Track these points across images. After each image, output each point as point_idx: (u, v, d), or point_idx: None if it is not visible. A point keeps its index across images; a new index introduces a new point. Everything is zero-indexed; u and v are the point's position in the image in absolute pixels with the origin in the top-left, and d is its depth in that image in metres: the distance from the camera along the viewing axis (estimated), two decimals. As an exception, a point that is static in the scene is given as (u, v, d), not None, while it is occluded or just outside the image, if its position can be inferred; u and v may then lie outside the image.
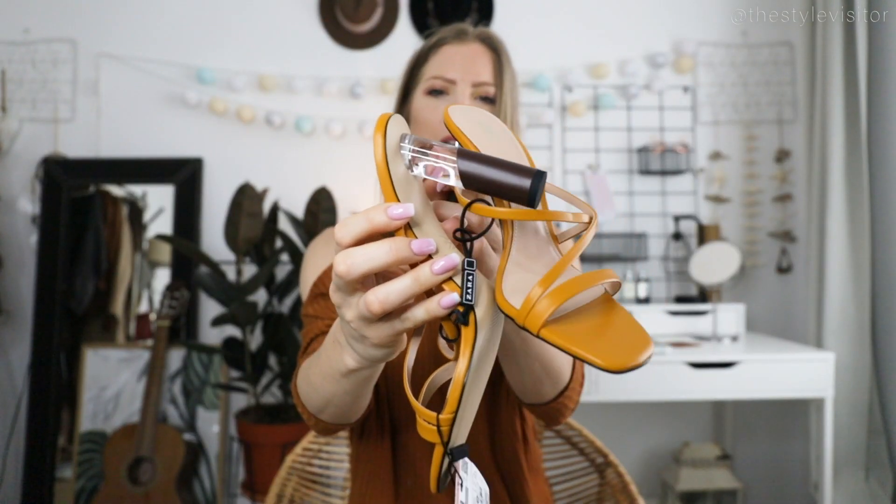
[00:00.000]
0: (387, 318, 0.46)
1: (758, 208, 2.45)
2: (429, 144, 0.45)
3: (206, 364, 2.21)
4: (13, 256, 2.36)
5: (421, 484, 0.90)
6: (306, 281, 0.95)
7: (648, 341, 0.41)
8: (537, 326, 0.41)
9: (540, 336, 0.41)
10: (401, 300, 0.43)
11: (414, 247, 0.43)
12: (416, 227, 0.44)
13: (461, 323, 0.44)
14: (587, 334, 0.41)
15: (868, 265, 2.14)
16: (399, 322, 0.46)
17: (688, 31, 2.45)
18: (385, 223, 0.43)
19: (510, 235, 0.48)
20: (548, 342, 0.40)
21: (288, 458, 1.24)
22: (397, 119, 0.46)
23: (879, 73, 2.17)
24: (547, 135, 2.43)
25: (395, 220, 0.43)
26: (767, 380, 1.90)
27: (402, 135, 0.46)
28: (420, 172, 0.46)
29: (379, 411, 0.92)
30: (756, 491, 2.43)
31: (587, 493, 1.23)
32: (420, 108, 0.92)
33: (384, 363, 0.55)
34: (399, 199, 0.44)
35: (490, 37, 0.94)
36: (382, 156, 0.43)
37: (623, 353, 0.39)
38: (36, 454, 2.21)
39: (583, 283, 0.42)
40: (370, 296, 0.43)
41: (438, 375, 0.50)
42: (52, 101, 2.36)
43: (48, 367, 2.25)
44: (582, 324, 0.42)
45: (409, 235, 0.44)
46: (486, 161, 0.43)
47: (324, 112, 2.38)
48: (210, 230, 2.37)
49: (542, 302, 0.41)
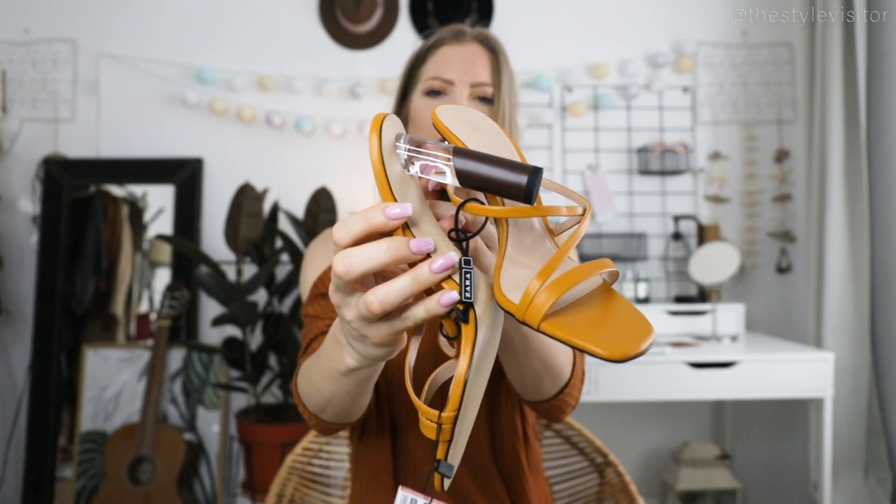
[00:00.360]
0: (387, 318, 0.46)
1: (757, 208, 2.45)
2: (424, 143, 0.45)
3: (207, 364, 2.21)
4: (14, 256, 2.36)
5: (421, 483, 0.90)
6: (306, 281, 0.95)
7: (649, 329, 0.40)
8: (537, 320, 0.41)
9: (540, 329, 0.41)
10: (400, 299, 0.43)
11: (412, 246, 0.43)
12: (413, 227, 0.44)
13: (461, 321, 0.44)
14: (587, 325, 0.40)
15: (867, 265, 2.14)
16: (399, 321, 0.46)
17: (688, 32, 2.45)
18: (383, 223, 0.43)
19: (505, 232, 0.48)
20: (548, 335, 0.40)
21: (288, 458, 1.24)
22: (392, 119, 0.46)
23: (879, 73, 2.17)
24: (547, 135, 2.44)
25: (393, 219, 0.43)
26: (767, 380, 1.90)
27: (398, 134, 0.46)
28: (416, 171, 0.46)
29: (379, 411, 0.92)
30: (755, 491, 2.44)
31: (587, 493, 1.23)
32: (419, 109, 0.92)
33: (384, 362, 0.55)
34: (396, 199, 0.44)
35: (488, 37, 0.94)
36: (378, 155, 0.43)
37: (624, 341, 0.39)
38: (36, 454, 2.21)
39: (581, 274, 0.42)
40: (370, 296, 0.44)
41: (440, 373, 0.50)
42: (53, 102, 2.36)
43: (49, 366, 2.25)
44: (582, 315, 0.42)
45: (407, 235, 0.44)
46: (482, 159, 0.43)
47: (324, 112, 2.38)
48: (210, 230, 2.37)
49: (540, 295, 0.41)
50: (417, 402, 0.47)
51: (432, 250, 0.43)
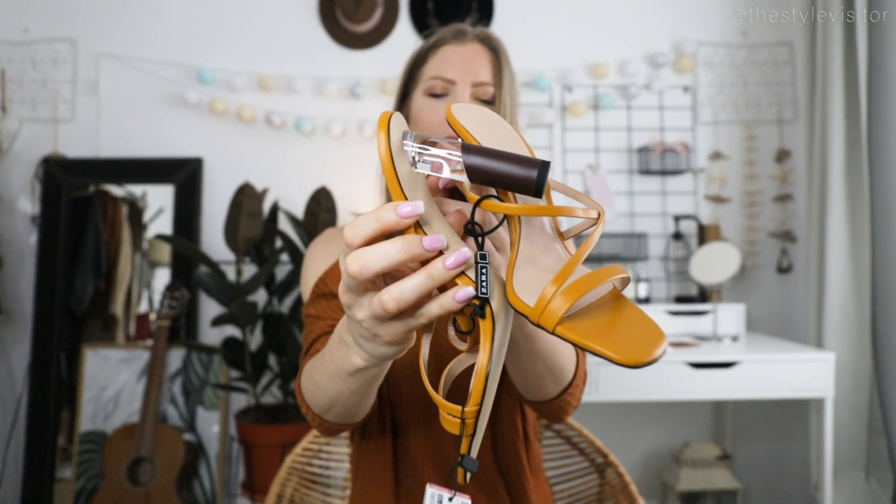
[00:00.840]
0: (400, 316, 0.46)
1: (758, 208, 2.45)
2: (432, 140, 0.45)
3: (206, 364, 2.21)
4: (13, 256, 2.36)
5: (421, 484, 0.90)
6: (307, 281, 0.95)
7: (662, 336, 0.41)
8: (552, 324, 0.41)
9: (555, 333, 0.41)
10: (415, 297, 0.43)
11: (425, 243, 0.43)
12: (424, 225, 0.44)
13: (478, 315, 0.44)
14: (602, 330, 0.41)
15: (868, 265, 2.14)
16: (413, 319, 0.46)
17: (688, 31, 2.45)
18: (395, 222, 0.43)
19: (518, 232, 0.48)
20: (564, 339, 0.41)
21: (288, 459, 1.24)
22: (398, 117, 0.46)
23: (880, 72, 2.17)
24: (547, 135, 2.43)
25: (406, 218, 0.43)
26: (767, 380, 1.89)
27: (405, 132, 0.46)
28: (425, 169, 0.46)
29: (380, 411, 0.92)
30: (756, 491, 2.43)
31: (587, 493, 1.23)
32: (419, 109, 0.92)
33: (392, 361, 0.55)
34: (406, 197, 0.44)
35: (489, 37, 0.94)
36: (388, 154, 0.43)
37: (638, 348, 0.39)
38: (35, 454, 2.21)
39: (595, 280, 0.42)
40: (385, 295, 0.44)
41: (453, 367, 0.51)
42: (52, 101, 2.36)
43: (48, 367, 2.25)
44: (595, 320, 0.42)
45: (418, 233, 0.44)
46: (490, 154, 0.44)
47: (324, 112, 2.37)
48: (210, 230, 2.36)
49: (556, 300, 0.41)
50: (438, 398, 0.47)
51: (445, 247, 0.43)
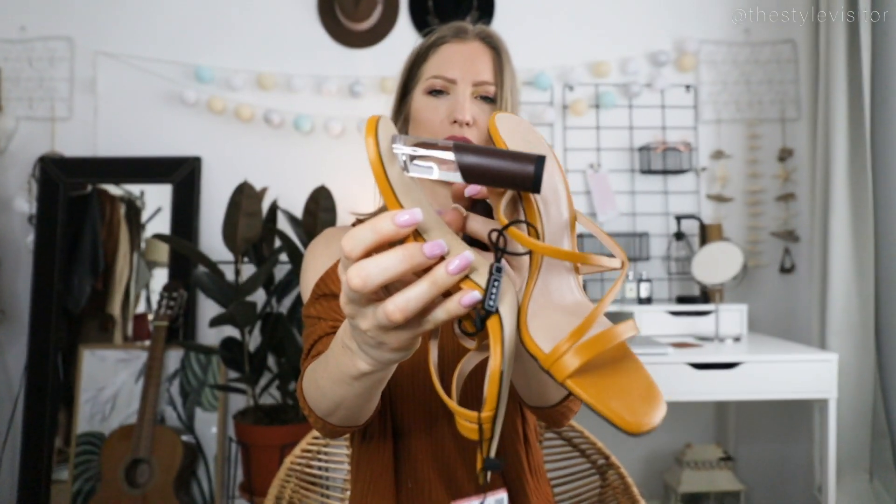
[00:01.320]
0: (406, 324, 0.46)
1: (760, 207, 2.43)
2: (421, 143, 0.45)
3: (205, 365, 2.20)
4: (10, 256, 2.35)
5: (421, 487, 0.90)
6: (307, 282, 0.94)
7: (661, 399, 0.42)
8: (562, 377, 0.42)
9: (564, 384, 0.42)
10: (421, 305, 0.42)
11: (426, 251, 0.42)
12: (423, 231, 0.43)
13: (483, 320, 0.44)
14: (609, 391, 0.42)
15: (872, 265, 2.13)
16: (419, 325, 0.45)
17: (690, 30, 2.43)
18: (394, 232, 0.42)
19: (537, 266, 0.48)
20: (571, 392, 0.41)
21: (287, 460, 1.23)
22: (386, 120, 0.45)
23: (883, 71, 2.15)
24: (548, 133, 2.42)
25: (404, 227, 0.42)
26: (770, 381, 1.88)
27: (394, 136, 0.45)
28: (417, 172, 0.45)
29: (381, 414, 0.91)
30: (759, 493, 2.42)
31: (589, 495, 1.22)
32: (420, 108, 0.91)
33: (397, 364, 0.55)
34: (399, 201, 0.43)
35: (490, 35, 0.93)
36: (377, 158, 0.42)
37: (640, 413, 0.40)
38: (32, 456, 2.20)
39: (609, 340, 0.43)
40: (390, 305, 0.42)
41: (464, 367, 0.50)
42: (49, 100, 2.34)
43: (45, 367, 2.23)
44: (603, 378, 0.43)
45: (418, 240, 0.43)
46: (485, 153, 0.43)
47: (323, 111, 2.36)
48: (208, 230, 2.35)
49: (570, 357, 0.42)
50: (453, 405, 0.46)
51: (446, 252, 0.42)
